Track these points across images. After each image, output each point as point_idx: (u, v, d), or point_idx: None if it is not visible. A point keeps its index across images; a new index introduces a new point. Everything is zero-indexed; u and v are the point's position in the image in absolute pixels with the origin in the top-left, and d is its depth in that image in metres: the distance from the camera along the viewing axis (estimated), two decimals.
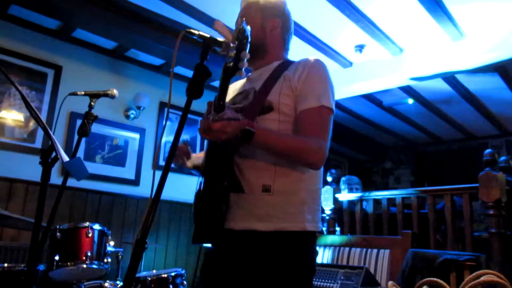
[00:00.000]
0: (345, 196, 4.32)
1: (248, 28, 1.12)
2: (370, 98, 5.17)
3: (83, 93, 1.75)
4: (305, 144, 1.27)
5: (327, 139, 1.31)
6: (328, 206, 4.29)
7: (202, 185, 1.35)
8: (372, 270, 3.37)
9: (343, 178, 4.66)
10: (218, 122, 1.11)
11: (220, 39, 1.19)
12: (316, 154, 1.27)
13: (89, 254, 2.51)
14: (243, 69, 1.13)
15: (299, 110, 1.32)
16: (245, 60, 1.11)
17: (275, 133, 1.29)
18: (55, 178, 3.47)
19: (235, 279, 1.29)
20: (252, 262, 1.26)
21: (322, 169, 1.40)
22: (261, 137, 1.20)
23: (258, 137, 1.18)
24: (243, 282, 1.27)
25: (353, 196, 4.28)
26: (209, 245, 1.44)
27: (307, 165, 1.32)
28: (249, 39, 1.12)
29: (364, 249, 3.61)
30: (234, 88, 1.56)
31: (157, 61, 4.36)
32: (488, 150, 3.19)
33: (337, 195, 4.31)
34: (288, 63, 1.44)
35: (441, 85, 4.61)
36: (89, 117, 1.66)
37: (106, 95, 1.76)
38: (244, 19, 1.12)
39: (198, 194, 1.36)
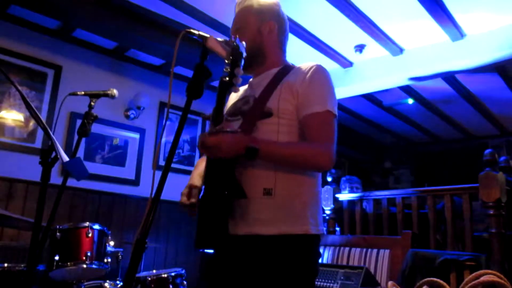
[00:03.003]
0: (345, 196, 4.32)
1: (243, 44, 1.15)
2: (370, 98, 5.17)
3: (83, 93, 1.75)
4: (313, 148, 1.28)
5: (334, 142, 1.32)
6: (328, 206, 4.29)
7: (203, 193, 1.34)
8: (372, 270, 3.36)
9: (343, 178, 4.66)
10: (212, 137, 1.14)
11: (220, 39, 1.19)
12: (325, 157, 1.28)
13: (89, 254, 2.51)
14: (240, 81, 1.16)
15: (304, 115, 1.32)
16: (239, 76, 1.14)
17: (279, 143, 1.29)
18: (55, 178, 3.47)
19: (239, 284, 1.29)
20: (256, 267, 1.26)
21: (320, 172, 1.41)
22: (266, 152, 1.21)
23: (263, 152, 1.20)
24: (248, 287, 1.27)
25: (353, 196, 4.28)
26: (211, 251, 1.43)
27: (316, 169, 1.33)
28: (244, 55, 1.15)
29: (364, 249, 3.61)
30: (236, 94, 1.55)
31: (157, 61, 4.35)
32: (488, 150, 3.18)
33: (337, 195, 4.31)
34: (288, 68, 1.43)
35: (441, 85, 4.61)
36: (89, 117, 1.66)
37: (106, 95, 1.76)
38: (237, 35, 1.15)
39: (201, 202, 1.35)
